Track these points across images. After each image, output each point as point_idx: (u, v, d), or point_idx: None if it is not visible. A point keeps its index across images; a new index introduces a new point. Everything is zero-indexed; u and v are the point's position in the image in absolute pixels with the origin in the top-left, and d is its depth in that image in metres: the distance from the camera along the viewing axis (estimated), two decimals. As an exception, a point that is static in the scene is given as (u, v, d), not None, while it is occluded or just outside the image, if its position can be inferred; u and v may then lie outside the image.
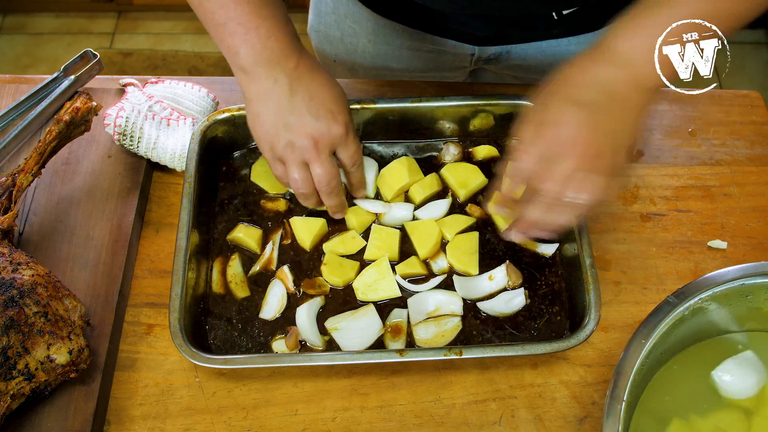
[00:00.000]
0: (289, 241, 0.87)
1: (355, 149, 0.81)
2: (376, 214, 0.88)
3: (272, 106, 0.77)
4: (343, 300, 0.83)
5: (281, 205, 0.89)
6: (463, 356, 0.73)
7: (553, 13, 0.91)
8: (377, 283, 0.82)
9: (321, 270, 0.84)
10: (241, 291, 0.83)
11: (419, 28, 1.01)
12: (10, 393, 0.69)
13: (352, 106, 0.90)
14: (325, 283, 0.83)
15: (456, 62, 1.06)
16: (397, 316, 0.81)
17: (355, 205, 0.89)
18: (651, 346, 0.67)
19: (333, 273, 0.83)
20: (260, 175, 0.91)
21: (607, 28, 0.69)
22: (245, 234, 0.86)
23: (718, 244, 0.88)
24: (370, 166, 0.91)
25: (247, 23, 0.73)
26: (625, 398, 0.64)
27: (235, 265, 0.85)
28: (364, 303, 0.82)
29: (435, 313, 0.81)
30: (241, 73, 0.77)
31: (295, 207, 0.89)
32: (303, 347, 0.80)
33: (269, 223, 0.88)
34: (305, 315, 0.80)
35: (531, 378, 0.79)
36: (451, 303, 0.81)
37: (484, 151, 0.93)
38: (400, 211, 0.88)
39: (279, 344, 0.79)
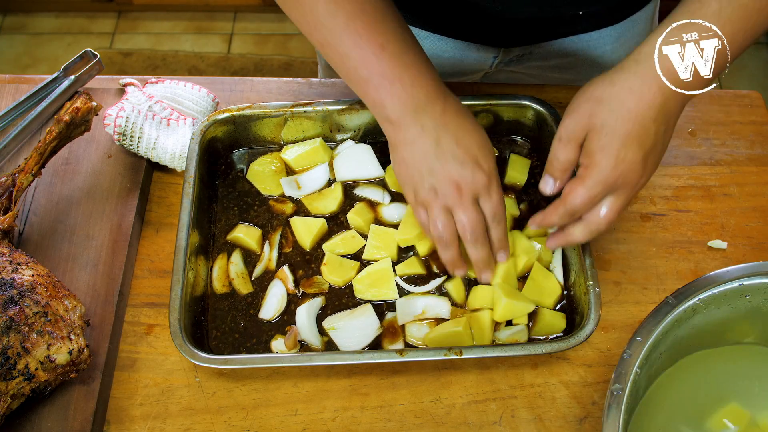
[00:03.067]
0: (291, 243, 0.87)
1: (497, 200, 0.76)
2: (375, 212, 0.88)
3: (418, 152, 0.74)
4: (343, 300, 0.83)
5: (288, 208, 0.89)
6: (463, 356, 0.73)
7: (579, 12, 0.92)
8: (378, 282, 0.82)
9: (321, 270, 0.84)
10: (244, 287, 0.83)
11: (445, 33, 0.99)
12: (10, 393, 0.69)
13: (352, 107, 0.90)
14: (324, 281, 0.84)
15: (476, 66, 1.04)
16: (392, 314, 0.81)
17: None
18: (651, 346, 0.67)
19: (333, 273, 0.83)
20: (256, 174, 0.91)
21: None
22: (245, 234, 0.86)
23: (718, 244, 0.88)
24: (365, 149, 0.92)
25: (391, 75, 0.72)
26: (625, 399, 0.64)
27: (237, 262, 0.85)
28: (363, 301, 0.82)
29: (421, 316, 0.80)
30: (388, 124, 0.75)
31: (301, 210, 0.89)
32: (302, 347, 0.80)
33: (270, 222, 0.88)
34: (305, 315, 0.80)
35: (531, 378, 0.79)
36: (438, 306, 0.81)
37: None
38: (399, 209, 0.88)
39: (278, 344, 0.79)
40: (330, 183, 0.91)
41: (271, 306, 0.82)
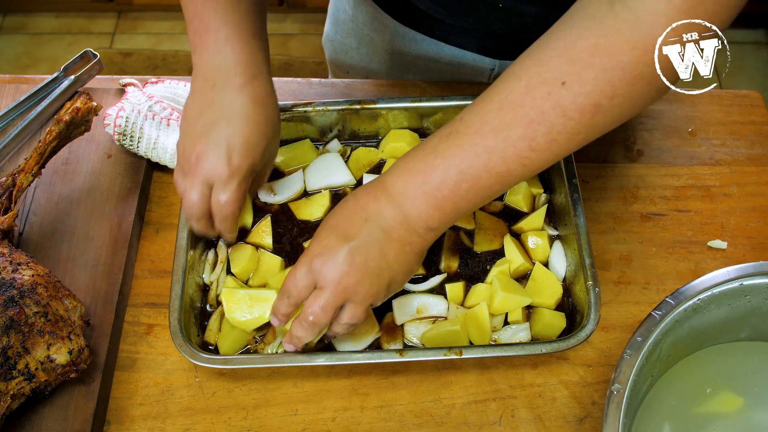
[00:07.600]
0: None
1: (227, 200, 0.71)
2: None
3: (194, 110, 0.72)
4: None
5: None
6: (463, 356, 0.73)
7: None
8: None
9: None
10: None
11: (440, 38, 0.99)
12: (10, 393, 0.69)
13: (352, 107, 0.90)
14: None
15: (473, 77, 1.03)
16: (389, 314, 0.81)
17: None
18: (651, 346, 0.67)
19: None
20: None
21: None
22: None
23: (718, 244, 0.88)
24: (334, 157, 0.91)
25: (209, 23, 0.70)
26: (625, 398, 0.64)
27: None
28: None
29: (418, 315, 0.80)
30: (193, 68, 0.73)
31: (287, 213, 0.89)
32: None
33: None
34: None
35: (531, 378, 0.79)
36: (435, 305, 0.81)
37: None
38: None
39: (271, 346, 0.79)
40: (304, 191, 0.90)
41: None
